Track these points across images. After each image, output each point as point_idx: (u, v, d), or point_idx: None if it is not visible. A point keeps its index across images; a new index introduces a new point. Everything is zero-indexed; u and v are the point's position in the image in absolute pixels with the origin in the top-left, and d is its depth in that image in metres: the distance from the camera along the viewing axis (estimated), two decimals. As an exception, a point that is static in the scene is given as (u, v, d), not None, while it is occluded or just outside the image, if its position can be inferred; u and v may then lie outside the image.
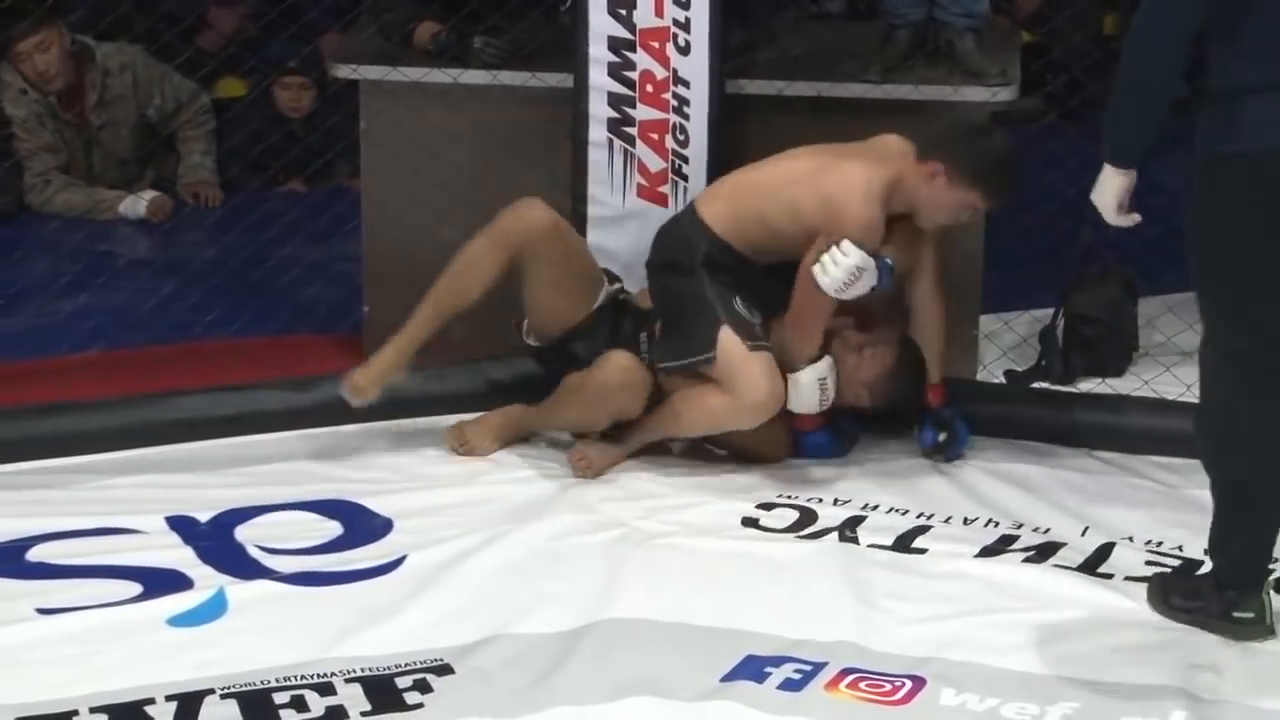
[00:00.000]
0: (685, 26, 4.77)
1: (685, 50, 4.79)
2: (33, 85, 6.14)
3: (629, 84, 4.83)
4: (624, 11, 4.77)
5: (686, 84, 4.81)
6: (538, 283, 4.62)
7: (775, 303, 4.52)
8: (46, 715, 3.52)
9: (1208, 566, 3.91)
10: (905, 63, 5.01)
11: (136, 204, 6.10)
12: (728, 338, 4.43)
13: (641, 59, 4.81)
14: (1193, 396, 4.69)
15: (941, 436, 4.61)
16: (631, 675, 3.64)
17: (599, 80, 4.83)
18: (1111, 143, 3.69)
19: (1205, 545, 4.16)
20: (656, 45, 4.80)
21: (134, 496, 4.42)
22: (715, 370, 4.43)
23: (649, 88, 4.82)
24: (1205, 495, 4.41)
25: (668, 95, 4.82)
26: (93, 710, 3.53)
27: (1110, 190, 3.71)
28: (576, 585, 4.00)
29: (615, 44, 4.81)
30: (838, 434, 4.67)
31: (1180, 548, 4.19)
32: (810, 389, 4.49)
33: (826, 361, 4.51)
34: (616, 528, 4.30)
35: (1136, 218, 3.76)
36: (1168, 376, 4.93)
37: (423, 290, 4.69)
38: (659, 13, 4.78)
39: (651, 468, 4.60)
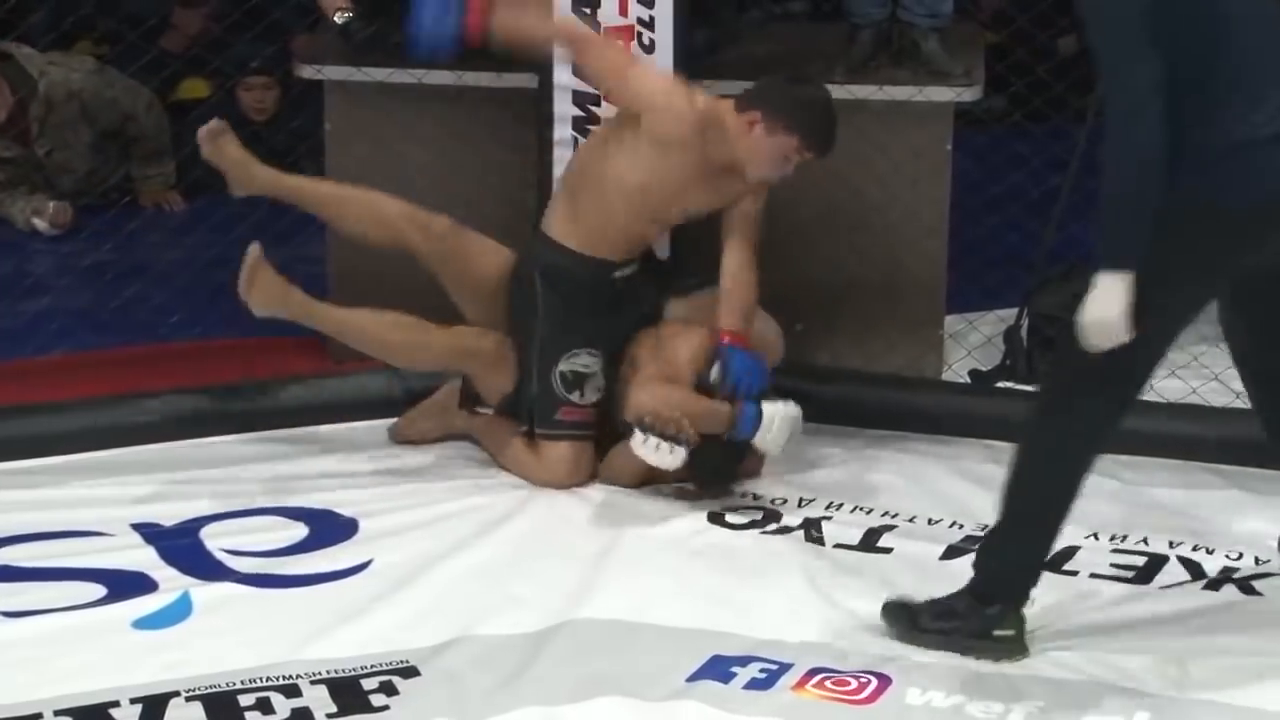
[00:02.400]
0: (650, 25, 4.77)
1: (650, 49, 4.78)
2: None
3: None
4: (588, 10, 4.77)
5: (651, 82, 4.80)
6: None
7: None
8: (10, 719, 3.50)
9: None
10: (870, 64, 5.02)
11: (40, 221, 6.02)
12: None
13: (606, 58, 4.80)
14: (1155, 395, 4.75)
15: (714, 371, 4.41)
16: (599, 676, 3.65)
17: (564, 79, 4.82)
18: (1121, 246, 3.48)
19: (1169, 540, 4.21)
20: (620, 44, 4.79)
21: (99, 499, 4.41)
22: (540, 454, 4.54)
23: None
24: (1168, 493, 4.48)
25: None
26: (57, 713, 3.52)
27: (1120, 302, 3.47)
28: (543, 587, 4.00)
29: (581, 43, 4.80)
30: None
31: (1144, 543, 4.21)
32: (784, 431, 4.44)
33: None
34: (583, 529, 4.30)
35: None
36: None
37: (387, 290, 4.69)
38: (623, 11, 4.77)
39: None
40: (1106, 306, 3.48)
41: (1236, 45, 3.47)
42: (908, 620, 3.77)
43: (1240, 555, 4.16)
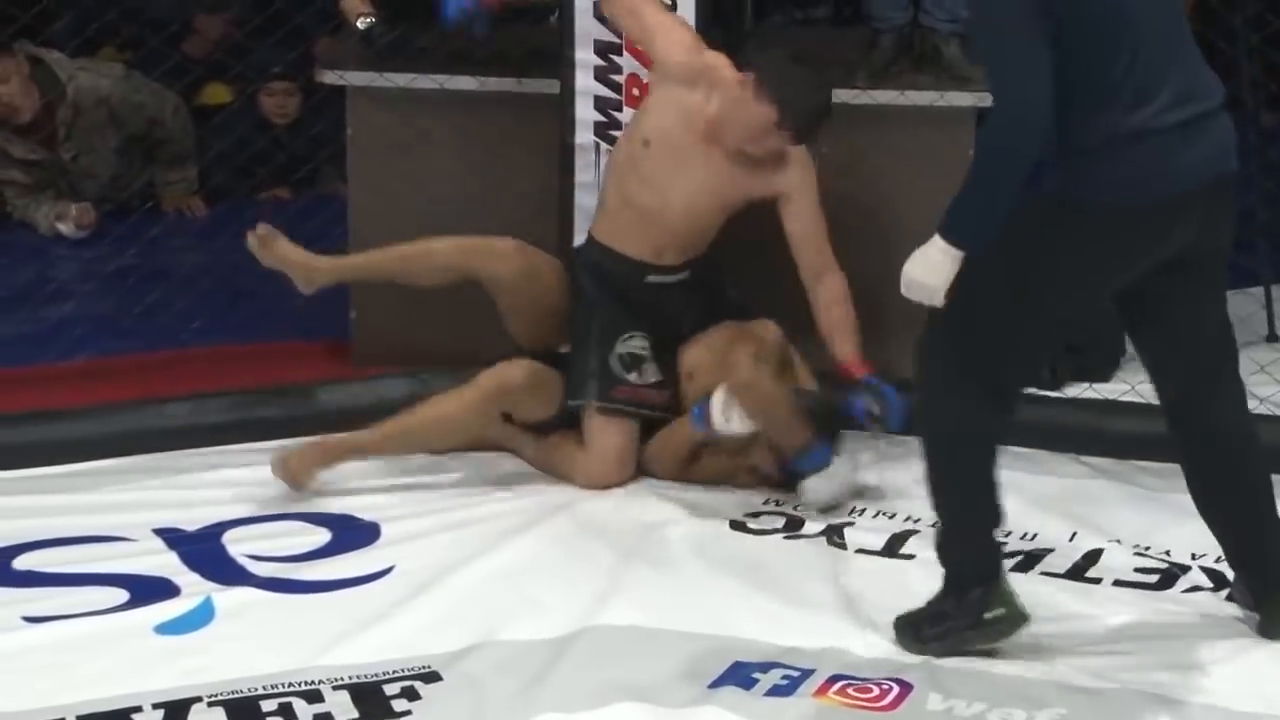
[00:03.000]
0: (672, 29, 4.77)
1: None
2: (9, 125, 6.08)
3: (615, 87, 4.83)
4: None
5: (672, 87, 4.81)
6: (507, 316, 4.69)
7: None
8: (33, 724, 3.52)
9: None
10: (891, 68, 5.02)
11: (66, 223, 6.05)
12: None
13: (628, 62, 4.82)
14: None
15: (875, 408, 4.40)
16: (619, 682, 3.64)
17: (585, 84, 4.84)
18: (969, 230, 3.49)
19: (1192, 550, 4.19)
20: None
21: (121, 504, 4.42)
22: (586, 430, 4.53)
23: (635, 91, 4.83)
24: (1191, 500, 4.45)
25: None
26: (79, 718, 3.52)
27: (947, 273, 3.50)
28: (565, 592, 4.00)
29: (601, 48, 4.82)
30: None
31: (1168, 552, 4.20)
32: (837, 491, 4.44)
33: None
34: (604, 535, 4.30)
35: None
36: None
37: (408, 296, 4.70)
38: (644, 19, 4.78)
39: (639, 478, 4.60)
40: (932, 273, 3.51)
41: (1127, 44, 3.45)
42: (912, 633, 3.77)
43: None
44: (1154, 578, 4.10)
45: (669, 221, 4.56)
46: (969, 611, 3.71)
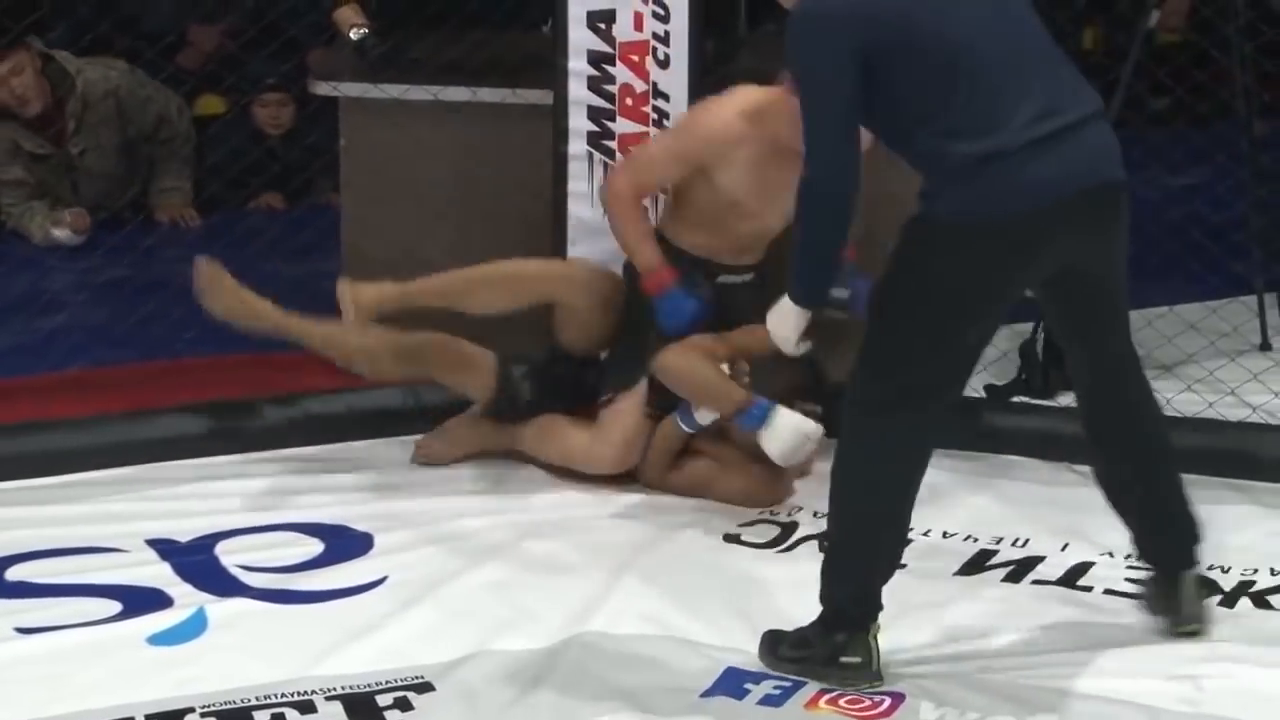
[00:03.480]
0: (665, 40, 4.80)
1: (665, 64, 4.81)
2: (2, 114, 6.11)
3: (609, 97, 4.85)
4: (604, 26, 4.80)
5: (666, 97, 4.83)
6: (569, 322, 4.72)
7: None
8: (25, 735, 3.53)
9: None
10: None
11: (61, 229, 6.06)
12: (632, 395, 4.52)
13: (621, 73, 4.84)
14: (1172, 410, 4.75)
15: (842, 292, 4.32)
16: (612, 691, 3.65)
17: (579, 94, 4.85)
18: (803, 289, 3.75)
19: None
20: (636, 59, 4.82)
21: (114, 515, 4.43)
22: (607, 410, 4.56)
23: (629, 101, 4.84)
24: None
25: (647, 108, 4.84)
26: (72, 729, 3.54)
27: (794, 326, 3.81)
28: (558, 602, 4.01)
29: (595, 58, 4.83)
30: (690, 290, 4.51)
31: (1159, 561, 4.21)
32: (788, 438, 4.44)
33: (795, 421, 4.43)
34: (598, 546, 4.30)
35: (808, 344, 3.87)
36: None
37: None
38: (638, 27, 4.80)
39: (631, 488, 4.61)
40: (782, 324, 3.84)
41: (962, 74, 3.49)
42: (769, 647, 3.76)
43: (1255, 570, 4.16)
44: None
45: (769, 231, 4.59)
46: (828, 648, 3.70)
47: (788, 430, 4.41)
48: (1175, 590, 3.80)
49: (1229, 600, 4.04)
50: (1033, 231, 3.53)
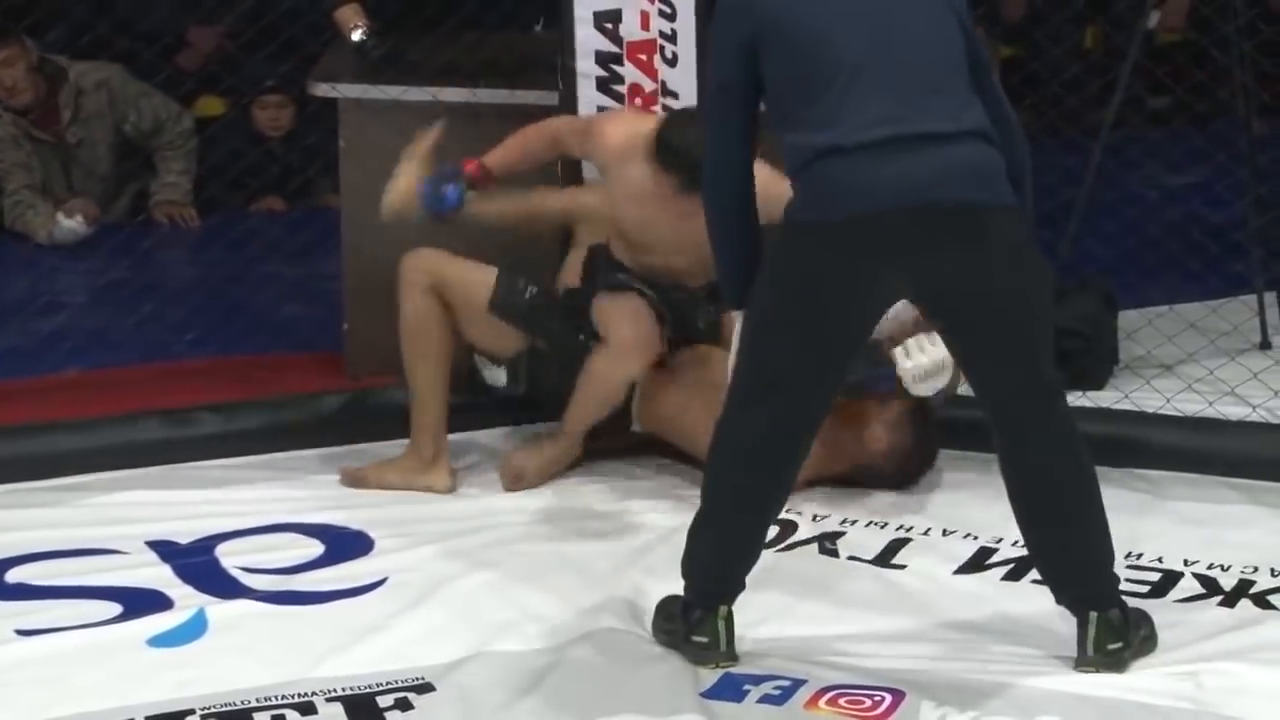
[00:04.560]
0: (672, 39, 4.80)
1: (673, 62, 4.81)
2: (5, 106, 6.15)
3: (617, 97, 4.85)
4: (610, 26, 4.80)
5: (675, 95, 4.83)
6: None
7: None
8: (27, 737, 3.54)
9: None
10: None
11: (71, 223, 6.09)
12: (600, 297, 4.54)
13: (629, 72, 4.84)
14: (1173, 409, 4.76)
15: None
16: (612, 692, 3.66)
17: (587, 94, 4.84)
18: (728, 292, 3.79)
19: (1184, 556, 4.21)
20: (644, 58, 4.82)
21: (114, 517, 4.43)
22: (599, 324, 4.54)
23: (638, 100, 4.85)
24: (1185, 507, 4.48)
25: (657, 107, 4.84)
26: (73, 731, 3.54)
27: (738, 329, 3.76)
28: (557, 603, 4.01)
29: (603, 58, 4.83)
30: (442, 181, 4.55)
31: (1160, 559, 4.22)
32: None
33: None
34: (598, 547, 4.31)
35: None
36: (1147, 389, 4.95)
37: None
38: (645, 26, 4.80)
39: (630, 487, 4.62)
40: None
41: (824, 71, 3.51)
42: (656, 615, 3.84)
43: (1256, 570, 4.17)
44: (1146, 587, 4.11)
45: (684, 265, 4.57)
46: (685, 625, 3.76)
47: (930, 363, 4.40)
48: (1080, 630, 3.71)
49: (1229, 600, 4.04)
50: (866, 237, 3.51)
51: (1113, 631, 3.69)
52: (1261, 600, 4.05)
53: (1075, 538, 3.71)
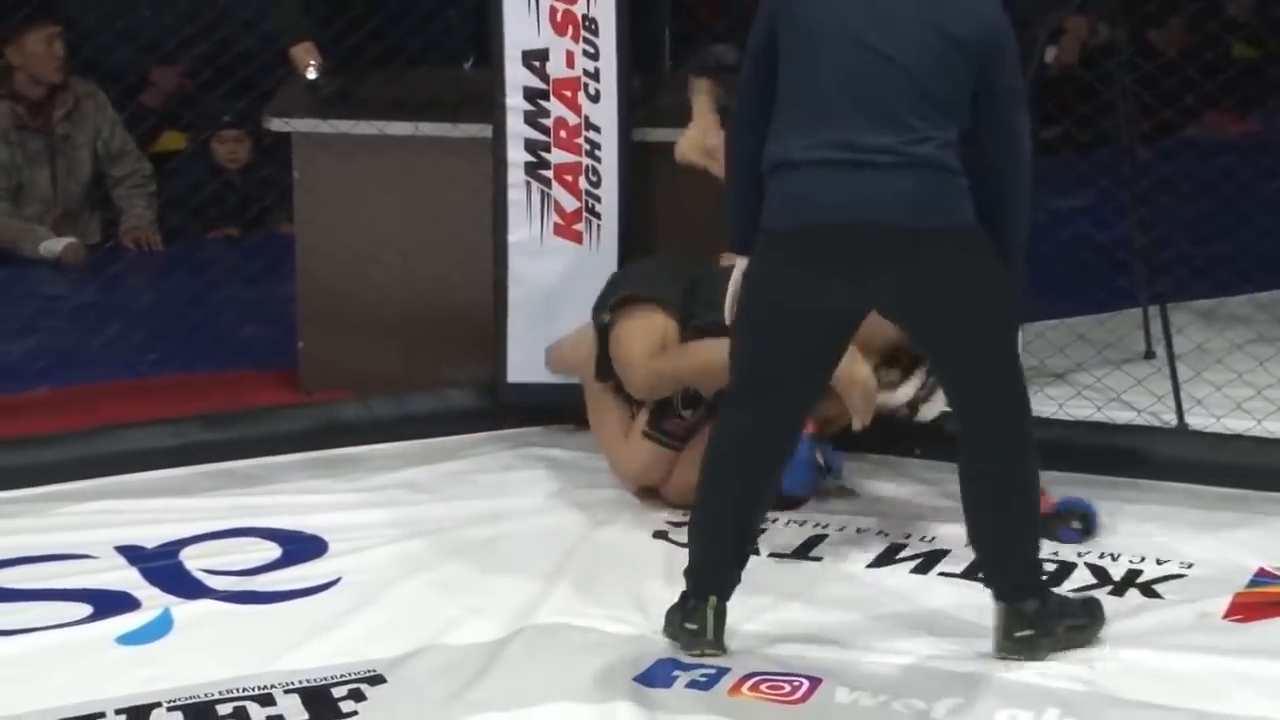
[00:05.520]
0: (595, 76, 4.81)
1: (596, 98, 4.83)
2: (13, 95, 6.09)
3: (544, 130, 4.86)
4: (538, 64, 4.81)
5: (598, 129, 4.85)
6: None
7: None
8: (1, 732, 3.51)
9: None
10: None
11: (54, 246, 6.06)
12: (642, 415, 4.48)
13: (555, 107, 4.85)
14: (1065, 414, 4.79)
15: (1075, 524, 4.29)
16: (550, 681, 3.66)
17: (516, 127, 4.86)
18: (730, 233, 3.75)
19: (1078, 550, 4.23)
20: (569, 94, 4.83)
21: (85, 524, 4.40)
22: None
23: (563, 133, 4.85)
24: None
25: (580, 140, 4.85)
26: (46, 725, 3.51)
27: (735, 280, 3.74)
28: (502, 599, 4.01)
29: (530, 94, 4.84)
30: (811, 462, 4.39)
31: (1055, 552, 4.24)
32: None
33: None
34: (539, 547, 4.30)
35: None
36: (1041, 396, 4.95)
37: (355, 326, 4.70)
38: (570, 64, 4.81)
39: (572, 487, 4.61)
40: (730, 286, 3.78)
41: (803, 83, 3.54)
42: (666, 616, 3.80)
43: (1143, 559, 4.20)
44: (1043, 577, 4.10)
45: None
46: (681, 613, 3.76)
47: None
48: (995, 618, 3.72)
49: (1119, 589, 4.07)
50: (815, 247, 3.54)
51: (1022, 620, 3.69)
52: (1148, 589, 4.08)
53: (1002, 531, 3.71)
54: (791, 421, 3.72)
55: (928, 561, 4.22)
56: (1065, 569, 4.17)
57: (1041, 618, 3.70)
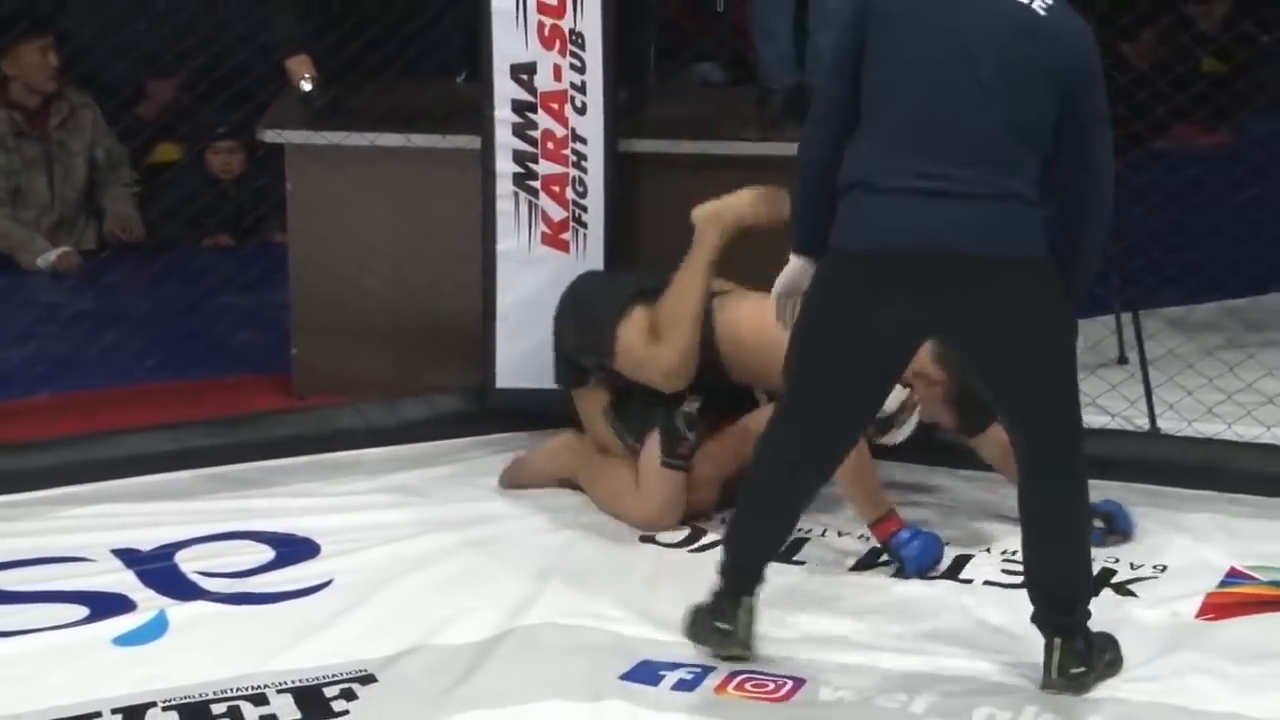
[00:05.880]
0: (582, 89, 4.80)
1: (582, 111, 4.81)
2: (10, 104, 6.08)
3: (532, 142, 4.84)
4: (525, 77, 4.80)
5: (584, 141, 4.83)
6: None
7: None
8: (0, 731, 3.49)
9: None
10: (779, 124, 5.05)
11: (49, 257, 6.05)
12: (650, 446, 4.40)
13: (543, 119, 4.83)
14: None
15: (1098, 523, 4.13)
16: (539, 680, 3.65)
17: (504, 139, 4.84)
18: (792, 233, 3.67)
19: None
20: (556, 107, 4.82)
21: (82, 527, 4.37)
22: (639, 466, 4.42)
23: (550, 145, 4.84)
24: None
25: (567, 151, 4.84)
26: (44, 724, 3.49)
27: (785, 276, 3.68)
28: (492, 600, 3.99)
29: (519, 106, 4.83)
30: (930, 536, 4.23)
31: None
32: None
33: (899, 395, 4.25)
34: (528, 550, 4.29)
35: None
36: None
37: (347, 333, 4.69)
38: (557, 78, 4.80)
39: (560, 491, 4.59)
40: (782, 277, 3.71)
41: (895, 96, 3.44)
42: (690, 618, 3.75)
43: (1117, 561, 4.20)
44: (1018, 578, 4.10)
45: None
46: (713, 610, 3.70)
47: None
48: (1046, 653, 3.62)
49: (1093, 589, 4.05)
50: (881, 272, 3.46)
51: (1076, 657, 3.59)
52: (1122, 589, 4.07)
53: (1065, 565, 3.61)
54: (845, 437, 3.64)
55: (907, 563, 4.21)
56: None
57: (1089, 654, 3.61)
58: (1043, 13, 3.41)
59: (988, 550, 4.27)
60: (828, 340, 3.54)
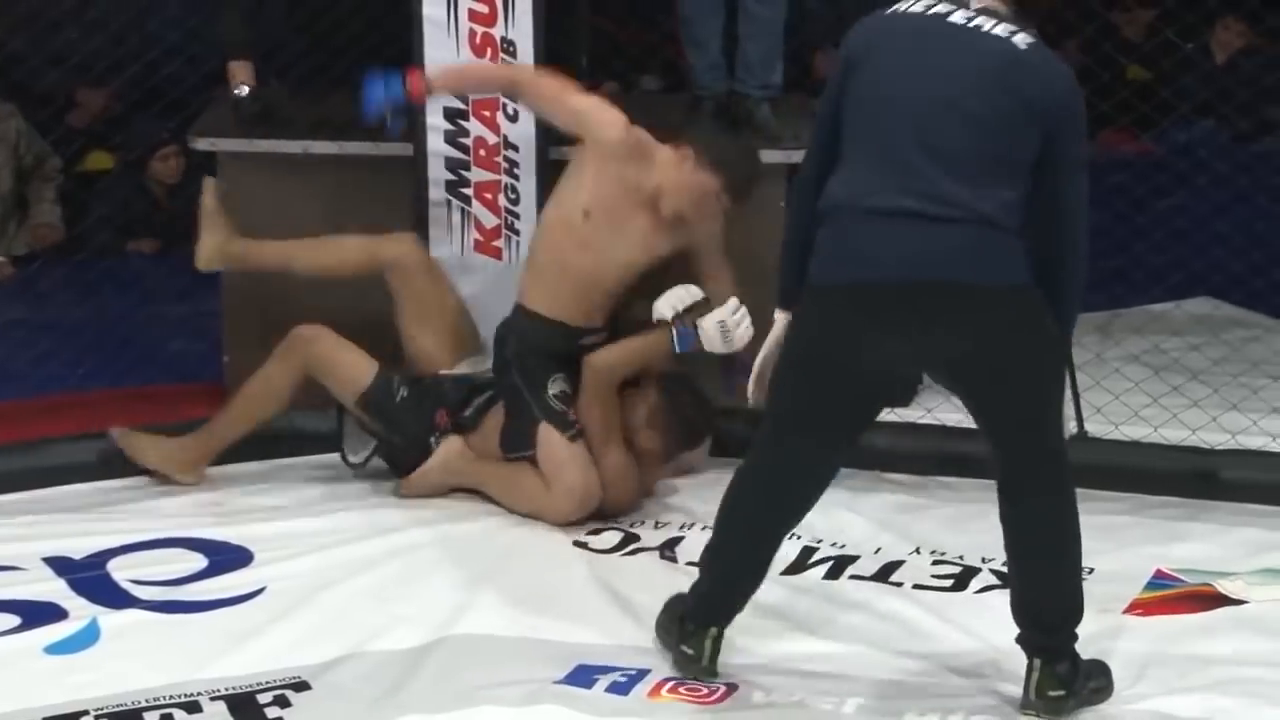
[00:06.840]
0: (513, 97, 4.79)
1: (514, 118, 4.81)
2: None
3: (464, 149, 4.84)
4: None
5: (516, 148, 4.83)
6: (407, 317, 4.71)
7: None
8: (-72, 742, 3.45)
9: None
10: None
11: None
12: (546, 436, 4.43)
13: (475, 127, 4.83)
14: (969, 423, 4.79)
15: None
16: (473, 685, 3.64)
17: (436, 147, 4.84)
18: (780, 288, 3.63)
19: (982, 555, 4.25)
20: (488, 114, 4.82)
21: (12, 536, 4.33)
22: (540, 462, 4.45)
23: (482, 152, 4.84)
24: (988, 509, 4.50)
25: (499, 159, 4.84)
26: (-26, 734, 3.46)
27: (772, 334, 3.65)
28: (425, 606, 3.98)
29: (450, 114, 4.82)
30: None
31: (961, 557, 4.26)
32: (713, 330, 4.44)
33: (730, 304, 4.44)
34: (462, 556, 4.27)
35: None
36: (948, 405, 4.99)
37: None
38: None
39: (488, 506, 4.58)
40: (763, 350, 3.68)
41: (878, 125, 3.42)
42: (661, 619, 3.76)
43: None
44: (949, 581, 4.15)
45: (604, 282, 4.52)
46: (679, 635, 3.69)
47: (711, 328, 4.42)
48: (1027, 673, 3.57)
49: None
50: (867, 305, 3.41)
51: (1056, 680, 3.55)
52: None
53: (1052, 588, 3.57)
54: (825, 468, 3.61)
55: (838, 566, 4.22)
56: (970, 573, 4.18)
57: (1072, 678, 3.58)
58: (1024, 47, 3.41)
59: (916, 552, 4.29)
60: (810, 374, 3.50)
